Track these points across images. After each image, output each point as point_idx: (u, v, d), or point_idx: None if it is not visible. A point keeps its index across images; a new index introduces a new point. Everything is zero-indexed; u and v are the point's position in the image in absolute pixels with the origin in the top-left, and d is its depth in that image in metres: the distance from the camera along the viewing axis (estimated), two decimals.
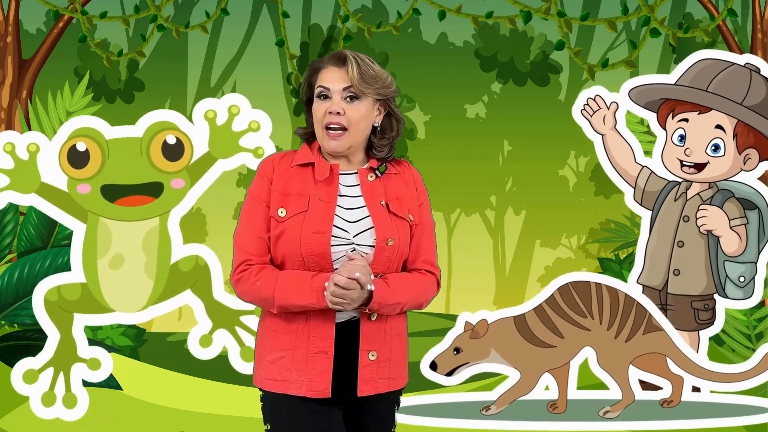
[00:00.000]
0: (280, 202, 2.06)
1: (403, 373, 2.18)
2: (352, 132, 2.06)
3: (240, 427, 3.55)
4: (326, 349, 2.03)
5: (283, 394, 2.05)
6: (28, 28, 4.81)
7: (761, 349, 3.33)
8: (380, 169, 2.13)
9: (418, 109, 4.99)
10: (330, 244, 2.02)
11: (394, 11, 4.45)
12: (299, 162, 2.10)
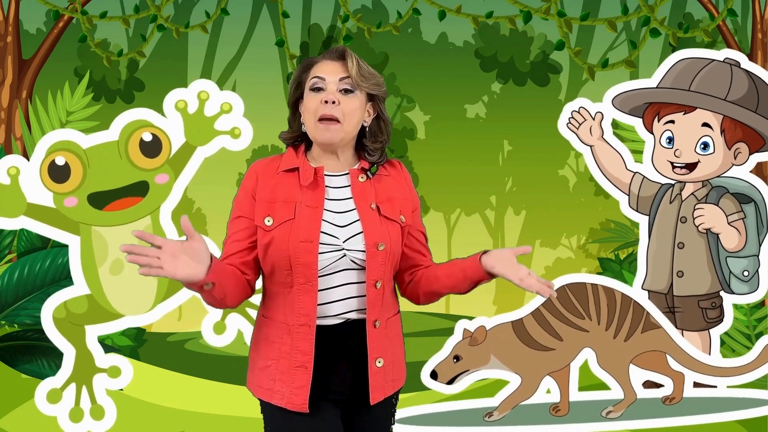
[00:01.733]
0: (266, 210, 2.05)
1: (403, 373, 2.20)
2: (345, 124, 2.04)
3: (240, 427, 3.55)
4: (306, 363, 2.02)
5: (275, 405, 2.06)
6: (28, 28, 4.81)
7: (761, 341, 3.34)
8: (372, 170, 2.12)
9: (418, 109, 4.99)
10: (318, 252, 2.00)
11: (394, 11, 4.45)
12: (284, 168, 2.08)
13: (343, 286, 2.03)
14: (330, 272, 2.02)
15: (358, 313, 2.06)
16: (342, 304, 2.04)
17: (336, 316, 2.05)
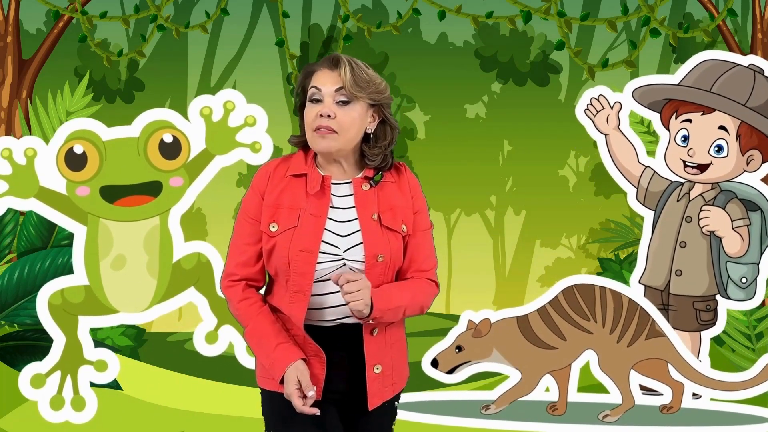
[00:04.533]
0: (271, 216, 2.05)
1: (405, 375, 2.19)
2: (342, 135, 2.01)
3: (240, 427, 3.55)
4: (318, 352, 2.03)
5: (281, 393, 2.05)
6: (28, 28, 4.81)
7: (763, 359, 3.31)
8: (375, 178, 2.08)
9: (418, 109, 4.99)
10: (316, 262, 2.00)
11: (394, 11, 4.45)
12: (293, 172, 2.08)
13: (338, 293, 2.01)
14: (327, 279, 2.02)
15: (353, 318, 2.04)
16: (337, 310, 2.04)
17: (329, 321, 2.05)
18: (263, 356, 2.06)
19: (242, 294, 2.10)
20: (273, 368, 2.02)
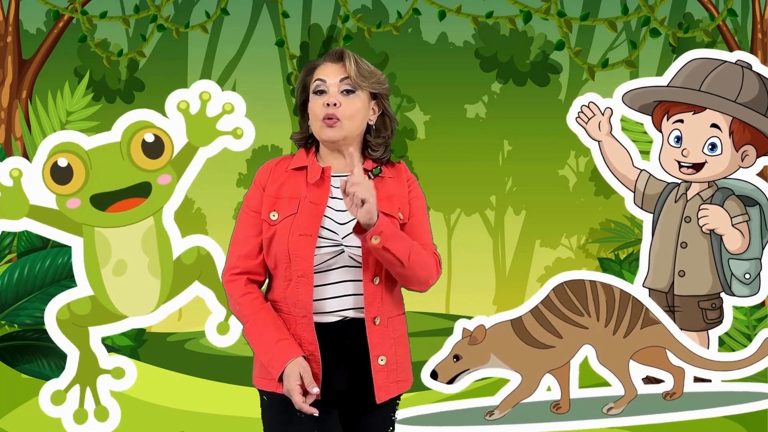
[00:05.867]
0: (272, 205, 2.10)
1: (409, 375, 2.19)
2: (349, 123, 2.09)
3: (240, 427, 3.55)
4: (314, 351, 2.04)
5: (278, 393, 2.05)
6: (28, 28, 4.81)
7: (760, 334, 3.33)
8: (374, 171, 2.15)
9: (418, 109, 4.99)
10: (315, 246, 2.04)
11: (394, 11, 4.46)
12: (294, 166, 2.14)
13: (339, 284, 2.06)
14: (327, 269, 2.05)
15: (355, 311, 2.07)
16: (338, 301, 2.06)
17: (332, 313, 2.06)
18: (262, 352, 2.06)
19: (244, 289, 2.11)
20: (272, 364, 2.03)
